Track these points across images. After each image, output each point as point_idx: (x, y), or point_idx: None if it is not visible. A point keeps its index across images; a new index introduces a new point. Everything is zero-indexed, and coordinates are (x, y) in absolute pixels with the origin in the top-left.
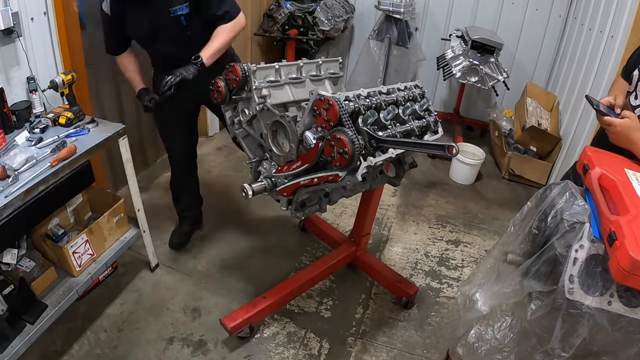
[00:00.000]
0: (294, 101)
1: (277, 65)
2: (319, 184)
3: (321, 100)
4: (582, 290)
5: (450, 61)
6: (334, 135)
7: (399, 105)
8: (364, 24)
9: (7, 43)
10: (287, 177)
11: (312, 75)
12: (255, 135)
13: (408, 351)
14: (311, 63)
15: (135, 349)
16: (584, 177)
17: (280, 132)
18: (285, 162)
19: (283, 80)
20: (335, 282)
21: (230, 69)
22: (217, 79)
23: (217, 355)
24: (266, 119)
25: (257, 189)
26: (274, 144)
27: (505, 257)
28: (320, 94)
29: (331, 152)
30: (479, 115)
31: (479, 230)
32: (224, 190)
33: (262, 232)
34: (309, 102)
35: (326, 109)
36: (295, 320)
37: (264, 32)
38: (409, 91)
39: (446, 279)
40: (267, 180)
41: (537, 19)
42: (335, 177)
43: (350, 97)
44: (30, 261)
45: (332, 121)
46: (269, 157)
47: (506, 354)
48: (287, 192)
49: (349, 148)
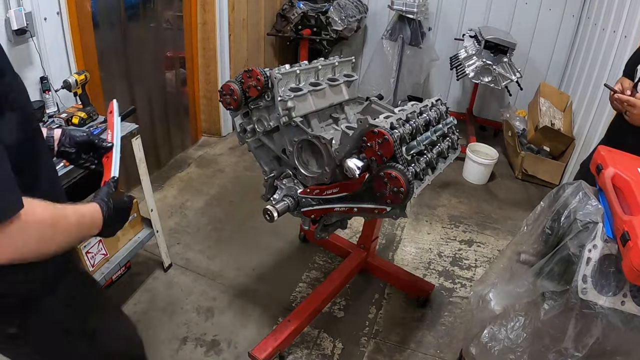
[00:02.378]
0: (315, 111)
1: (297, 71)
2: (357, 213)
3: (374, 132)
4: (596, 290)
5: (464, 61)
6: (388, 173)
7: (430, 125)
8: (377, 24)
9: (21, 43)
10: (315, 199)
11: (329, 78)
12: (275, 149)
13: (421, 351)
14: (327, 65)
15: (148, 348)
16: (598, 177)
17: (306, 149)
18: (315, 184)
19: (304, 88)
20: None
21: (250, 74)
22: (230, 82)
23: (230, 355)
24: (292, 135)
25: (281, 209)
26: (299, 161)
27: (519, 257)
28: (371, 124)
29: (383, 189)
30: (492, 115)
31: (492, 230)
32: (237, 190)
33: (275, 234)
34: (355, 129)
35: (380, 143)
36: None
37: (277, 32)
38: (437, 108)
39: (459, 279)
40: (290, 199)
41: (550, 19)
42: (381, 210)
43: (394, 124)
44: None
45: (385, 156)
46: (292, 175)
47: (519, 353)
48: (315, 215)
49: (405, 188)
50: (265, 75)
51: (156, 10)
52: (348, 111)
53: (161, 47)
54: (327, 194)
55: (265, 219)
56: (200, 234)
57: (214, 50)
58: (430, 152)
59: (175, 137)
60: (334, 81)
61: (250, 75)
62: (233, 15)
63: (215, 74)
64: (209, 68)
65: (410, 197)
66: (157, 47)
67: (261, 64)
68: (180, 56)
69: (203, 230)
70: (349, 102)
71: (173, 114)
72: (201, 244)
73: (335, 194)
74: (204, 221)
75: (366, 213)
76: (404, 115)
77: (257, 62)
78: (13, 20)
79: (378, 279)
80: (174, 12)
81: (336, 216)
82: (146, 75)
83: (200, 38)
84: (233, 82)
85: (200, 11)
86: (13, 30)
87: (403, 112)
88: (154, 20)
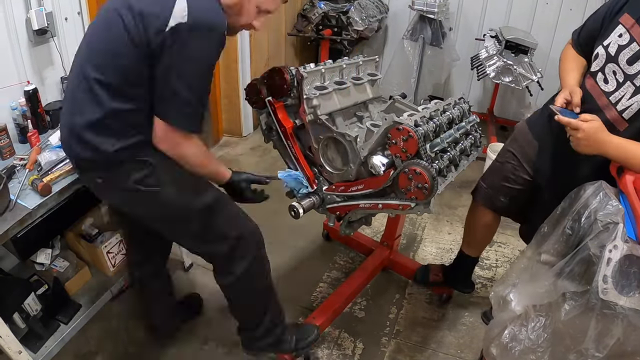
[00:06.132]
0: (339, 109)
1: (322, 69)
2: (382, 210)
3: (399, 130)
4: (616, 290)
5: (484, 61)
6: (413, 170)
7: (453, 123)
8: (397, 24)
9: (41, 43)
10: (340, 196)
11: (354, 77)
12: (300, 147)
13: (442, 351)
14: (352, 64)
15: (169, 348)
16: (619, 180)
17: (331, 147)
18: (340, 181)
19: (329, 86)
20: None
21: (276, 73)
22: (255, 81)
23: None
24: (318, 133)
25: (306, 206)
26: (324, 158)
27: (539, 257)
28: (396, 121)
29: (407, 185)
30: (512, 115)
31: (512, 230)
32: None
33: (295, 234)
34: (379, 127)
35: (405, 140)
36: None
37: (298, 32)
38: (460, 106)
39: (480, 279)
40: (315, 196)
41: (571, 19)
42: (405, 207)
43: (418, 122)
44: (64, 261)
45: (410, 153)
46: (317, 172)
47: (540, 354)
48: (340, 212)
49: (429, 184)
50: (292, 73)
51: None
52: (372, 109)
53: None
54: (352, 190)
55: (291, 215)
56: None
57: (234, 50)
58: (453, 149)
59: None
60: (358, 80)
61: (277, 75)
62: None
63: (236, 74)
64: (229, 68)
65: (434, 193)
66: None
67: (282, 64)
68: None
69: None
70: (372, 101)
71: None
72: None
73: (360, 190)
74: None
75: (391, 209)
76: (428, 113)
77: (277, 63)
78: (34, 21)
79: (399, 279)
80: None
81: (361, 213)
82: None
83: None
84: (257, 81)
85: None
86: (34, 31)
87: (427, 110)
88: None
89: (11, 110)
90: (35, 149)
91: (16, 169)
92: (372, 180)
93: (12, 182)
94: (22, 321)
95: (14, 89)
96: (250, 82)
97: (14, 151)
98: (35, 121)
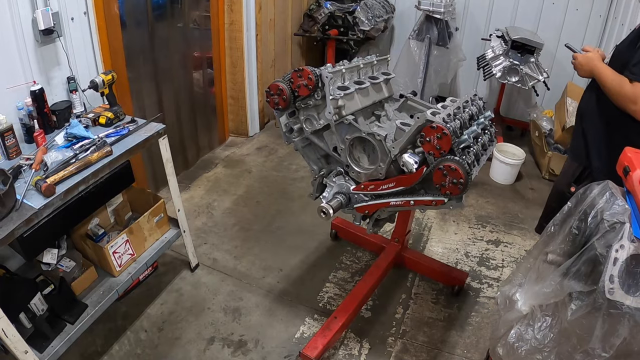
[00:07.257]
0: (360, 109)
1: (343, 70)
2: (414, 206)
3: (433, 127)
4: (623, 290)
5: (491, 61)
6: (448, 166)
7: (472, 119)
8: (404, 24)
9: (48, 43)
10: (368, 195)
11: (370, 77)
12: (325, 147)
13: (448, 351)
14: (367, 64)
15: (175, 349)
16: (625, 179)
17: (357, 147)
18: (368, 180)
19: (351, 87)
20: None
21: (300, 73)
22: (278, 82)
23: (257, 355)
24: (344, 133)
25: (335, 206)
26: (351, 158)
27: (546, 257)
28: (429, 119)
29: (442, 181)
30: (519, 115)
31: (519, 230)
32: (263, 190)
33: (301, 234)
34: (411, 125)
35: (439, 138)
36: None
37: (304, 32)
38: (476, 102)
39: (486, 279)
40: (342, 196)
41: (578, 19)
42: (439, 202)
43: (446, 119)
44: (71, 261)
45: (444, 150)
46: (344, 172)
47: (546, 354)
48: (369, 210)
49: (464, 179)
50: (316, 74)
51: (183, 10)
52: (387, 108)
53: (188, 48)
54: (383, 189)
55: (321, 216)
56: (227, 234)
57: (241, 50)
58: (476, 144)
59: (203, 137)
60: (374, 79)
61: (300, 75)
62: (260, 15)
63: (243, 74)
64: (236, 68)
65: (468, 187)
66: (184, 48)
67: (288, 64)
68: (208, 56)
69: (230, 230)
70: (387, 100)
71: (200, 114)
72: (228, 244)
73: (391, 188)
74: (231, 221)
75: (422, 205)
76: (452, 110)
77: (284, 63)
78: (40, 21)
79: (405, 280)
80: (201, 12)
81: (389, 211)
82: (173, 75)
83: (227, 38)
84: (281, 82)
85: (228, 11)
86: (40, 31)
87: (450, 107)
88: (181, 21)
89: (17, 110)
90: (41, 149)
91: (22, 169)
92: (404, 177)
93: (18, 182)
94: (28, 321)
95: (20, 89)
96: (273, 83)
97: (20, 151)
98: (41, 121)
